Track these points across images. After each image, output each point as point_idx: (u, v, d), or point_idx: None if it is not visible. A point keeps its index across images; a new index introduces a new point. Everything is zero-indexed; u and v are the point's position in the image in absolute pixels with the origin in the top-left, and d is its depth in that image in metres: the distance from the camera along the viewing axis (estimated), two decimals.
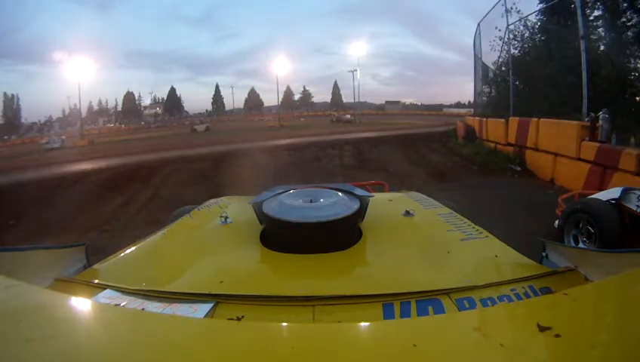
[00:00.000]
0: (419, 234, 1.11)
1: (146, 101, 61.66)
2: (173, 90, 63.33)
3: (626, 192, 2.78)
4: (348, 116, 35.55)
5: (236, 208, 1.38)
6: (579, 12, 6.65)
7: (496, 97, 10.86)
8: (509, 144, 7.81)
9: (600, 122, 5.30)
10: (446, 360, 0.43)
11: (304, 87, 68.08)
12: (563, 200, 3.59)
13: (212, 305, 0.70)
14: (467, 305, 0.70)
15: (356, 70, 43.19)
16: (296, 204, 1.05)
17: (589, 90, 6.37)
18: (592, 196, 3.10)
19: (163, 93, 63.36)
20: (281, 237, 1.00)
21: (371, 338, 0.50)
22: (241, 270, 0.92)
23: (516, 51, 9.92)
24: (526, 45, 9.85)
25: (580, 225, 2.95)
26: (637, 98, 7.72)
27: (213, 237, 1.14)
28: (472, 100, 14.96)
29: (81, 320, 0.54)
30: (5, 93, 49.50)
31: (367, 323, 0.53)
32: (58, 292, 0.70)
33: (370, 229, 1.07)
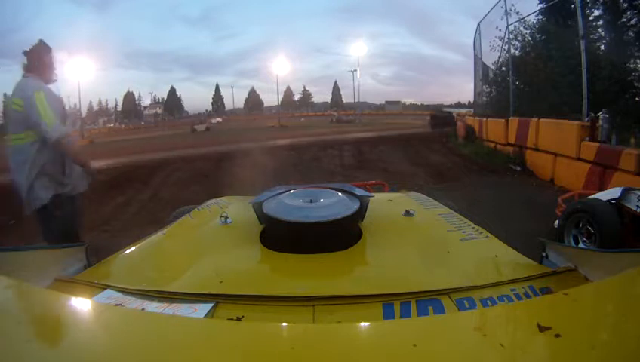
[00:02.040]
0: (419, 234, 1.11)
1: (146, 101, 61.81)
2: (173, 90, 63.46)
3: (626, 192, 2.77)
4: (348, 116, 35.64)
5: (236, 208, 1.38)
6: (579, 12, 6.64)
7: (496, 97, 10.85)
8: (509, 144, 7.80)
9: (600, 122, 5.30)
10: (446, 360, 0.43)
11: (304, 87, 68.35)
12: (563, 200, 3.58)
13: (212, 305, 0.70)
14: (467, 305, 0.70)
15: (356, 70, 43.25)
16: (297, 203, 1.05)
17: (589, 90, 6.36)
18: (592, 196, 3.09)
19: (163, 93, 63.53)
20: (281, 237, 1.00)
21: (371, 338, 0.50)
22: (241, 270, 0.92)
23: (516, 51, 9.92)
24: (526, 45, 9.85)
25: (580, 225, 2.94)
26: (637, 98, 7.72)
27: (213, 237, 1.14)
28: (472, 100, 14.94)
29: (81, 320, 0.54)
30: (5, 94, 49.56)
31: (367, 323, 0.53)
32: (58, 292, 0.71)
33: (370, 229, 1.07)
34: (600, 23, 8.70)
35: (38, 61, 2.03)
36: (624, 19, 8.11)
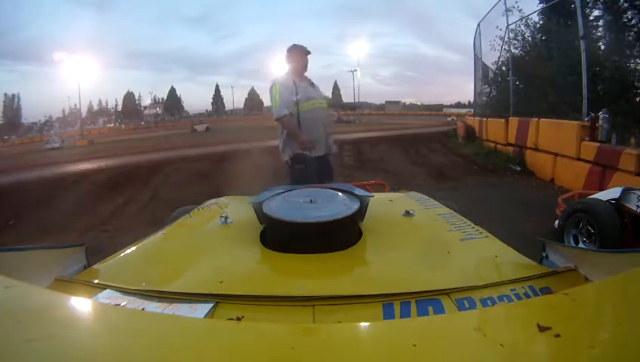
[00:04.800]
0: (419, 234, 1.11)
1: (146, 101, 61.91)
2: (173, 90, 63.53)
3: (626, 192, 2.77)
4: (348, 116, 35.66)
5: (236, 208, 1.38)
6: (579, 12, 6.63)
7: (496, 97, 10.84)
8: (509, 144, 7.80)
9: (600, 122, 5.30)
10: (446, 360, 0.43)
11: None
12: (563, 200, 3.58)
13: (212, 305, 0.70)
14: (467, 305, 0.70)
15: (356, 70, 43.30)
16: (297, 203, 1.05)
17: (589, 90, 6.35)
18: (592, 196, 3.09)
19: (163, 93, 63.63)
20: (281, 237, 1.00)
21: (371, 338, 0.50)
22: (241, 270, 0.92)
23: (516, 51, 9.91)
24: (526, 45, 9.84)
25: (580, 225, 2.94)
26: (637, 99, 7.71)
27: (213, 237, 1.14)
28: (472, 100, 14.93)
29: (81, 320, 0.54)
30: (6, 94, 49.73)
31: (367, 323, 0.53)
32: (58, 293, 0.71)
33: (370, 229, 1.07)
34: (600, 23, 8.69)
35: (290, 64, 2.79)
36: (624, 20, 8.10)
